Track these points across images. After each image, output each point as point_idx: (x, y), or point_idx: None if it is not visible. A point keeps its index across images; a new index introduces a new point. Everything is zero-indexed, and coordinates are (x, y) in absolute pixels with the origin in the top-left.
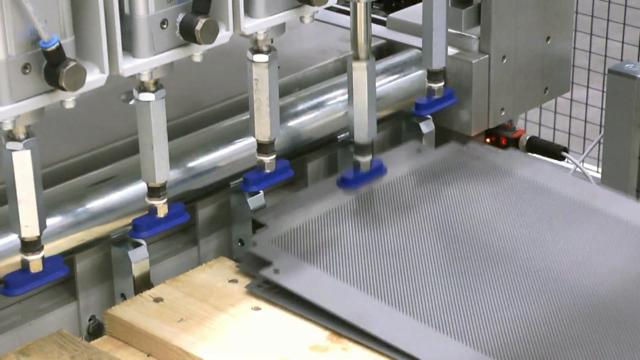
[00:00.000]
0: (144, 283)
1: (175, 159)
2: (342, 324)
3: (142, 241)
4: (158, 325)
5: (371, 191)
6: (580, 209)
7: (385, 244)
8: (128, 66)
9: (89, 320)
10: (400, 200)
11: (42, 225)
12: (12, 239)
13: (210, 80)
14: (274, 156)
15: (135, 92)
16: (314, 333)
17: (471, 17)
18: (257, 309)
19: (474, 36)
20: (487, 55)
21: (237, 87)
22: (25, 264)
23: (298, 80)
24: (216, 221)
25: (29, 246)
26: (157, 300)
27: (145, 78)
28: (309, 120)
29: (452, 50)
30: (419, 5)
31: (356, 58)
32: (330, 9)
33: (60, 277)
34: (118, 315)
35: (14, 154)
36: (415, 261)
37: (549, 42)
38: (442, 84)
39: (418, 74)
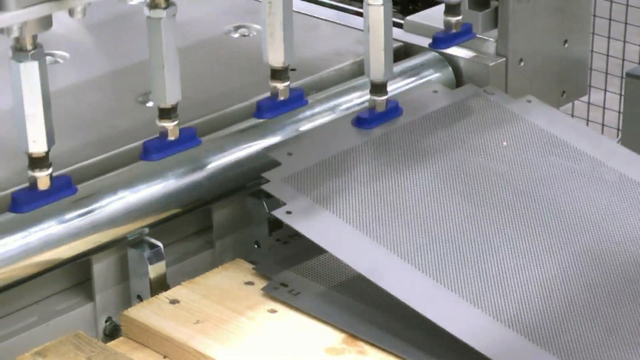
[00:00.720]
0: (160, 285)
1: (192, 161)
2: (358, 327)
3: (159, 243)
4: (174, 327)
5: (387, 134)
6: (597, 168)
7: (400, 192)
8: None
9: (105, 321)
10: (416, 145)
11: (51, 141)
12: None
13: (226, 83)
14: (287, 83)
15: (145, 9)
16: (330, 336)
17: (488, 20)
18: (273, 311)
19: (491, 39)
20: (505, 59)
21: (253, 90)
22: (32, 181)
23: (315, 82)
24: (232, 223)
25: (37, 163)
26: (173, 302)
27: None
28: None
29: (468, 53)
30: (437, 8)
31: None
32: (346, 11)
33: (69, 196)
34: (134, 317)
35: (21, 65)
36: (429, 214)
37: (566, 45)
38: (460, 17)
39: (435, 76)
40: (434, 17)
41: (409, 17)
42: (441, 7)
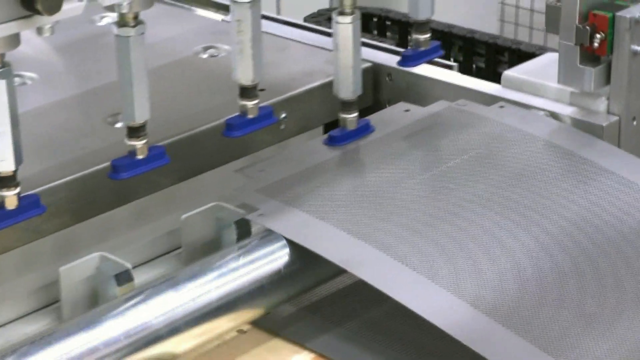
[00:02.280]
0: None
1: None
2: (327, 347)
3: (128, 265)
4: None
5: (358, 147)
6: (571, 159)
7: (373, 188)
8: None
9: None
10: (388, 150)
11: (19, 160)
12: None
13: (196, 103)
14: (257, 101)
15: (114, 28)
16: (299, 356)
17: (601, 77)
18: (242, 332)
19: (602, 97)
20: (617, 117)
21: (223, 110)
22: (0, 201)
23: (284, 101)
24: (202, 245)
25: (5, 182)
26: None
27: (125, 10)
28: None
29: (578, 112)
30: (535, 62)
31: (341, 13)
32: (316, 31)
33: (37, 215)
34: None
35: None
36: (402, 207)
37: None
38: (428, 35)
39: None
40: (533, 71)
41: (506, 72)
42: (538, 61)
